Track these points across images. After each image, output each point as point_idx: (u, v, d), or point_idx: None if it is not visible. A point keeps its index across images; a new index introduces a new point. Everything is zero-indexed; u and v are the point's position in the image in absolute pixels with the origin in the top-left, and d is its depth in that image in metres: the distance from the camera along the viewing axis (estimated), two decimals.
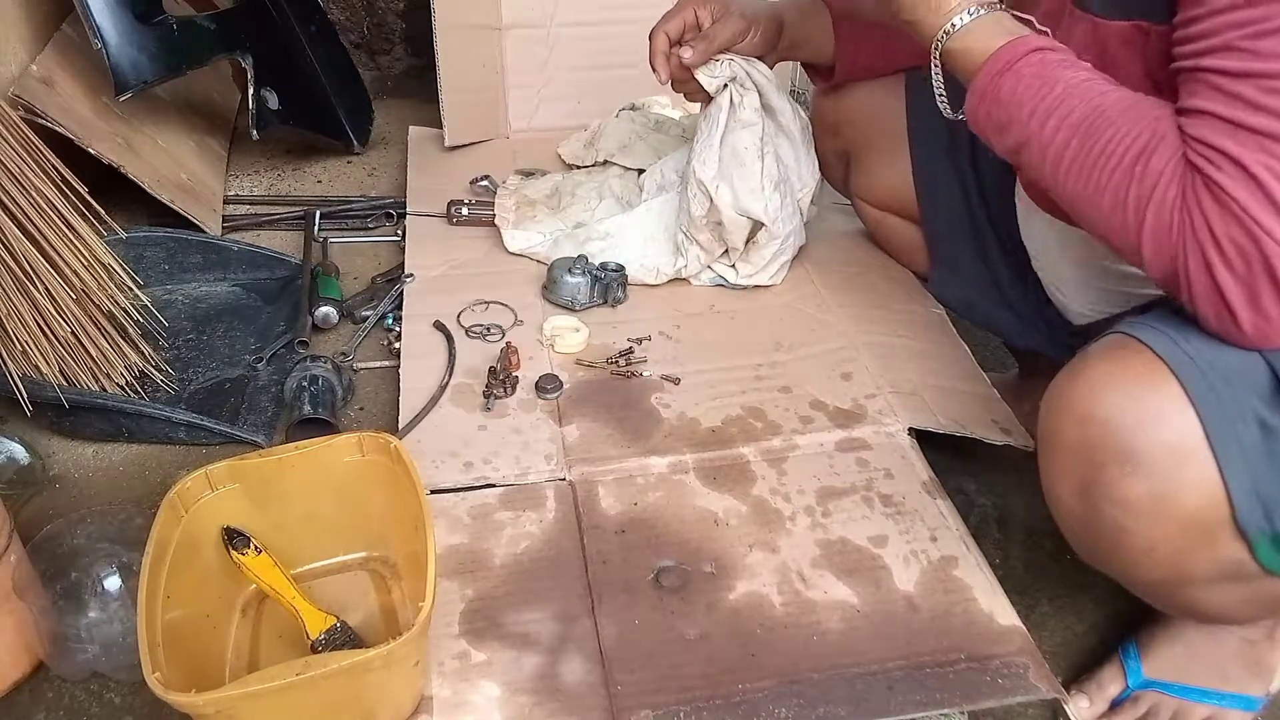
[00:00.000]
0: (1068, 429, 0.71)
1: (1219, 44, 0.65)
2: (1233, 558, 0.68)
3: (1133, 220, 0.69)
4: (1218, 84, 0.65)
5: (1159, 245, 0.68)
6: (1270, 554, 0.67)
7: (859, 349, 1.16)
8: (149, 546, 0.76)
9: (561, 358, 1.16)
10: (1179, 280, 0.68)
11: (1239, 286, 0.65)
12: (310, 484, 0.87)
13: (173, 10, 1.44)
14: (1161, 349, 0.68)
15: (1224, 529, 0.67)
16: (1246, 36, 0.63)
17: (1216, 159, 0.65)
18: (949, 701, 0.79)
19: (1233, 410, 0.66)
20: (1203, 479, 0.66)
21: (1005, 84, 0.76)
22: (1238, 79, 0.64)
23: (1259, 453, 0.66)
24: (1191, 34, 0.67)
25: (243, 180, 1.63)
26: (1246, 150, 0.63)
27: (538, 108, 1.65)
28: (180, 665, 0.71)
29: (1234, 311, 0.66)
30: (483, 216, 1.40)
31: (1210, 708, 0.86)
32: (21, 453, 1.05)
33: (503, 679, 0.81)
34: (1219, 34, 0.65)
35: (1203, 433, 0.66)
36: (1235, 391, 0.66)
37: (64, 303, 1.05)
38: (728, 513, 0.96)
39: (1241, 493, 0.66)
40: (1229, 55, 0.64)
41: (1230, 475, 0.65)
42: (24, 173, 1.04)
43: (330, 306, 1.27)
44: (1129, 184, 0.69)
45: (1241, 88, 0.64)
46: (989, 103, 0.77)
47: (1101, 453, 0.69)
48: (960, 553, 0.92)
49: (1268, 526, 0.66)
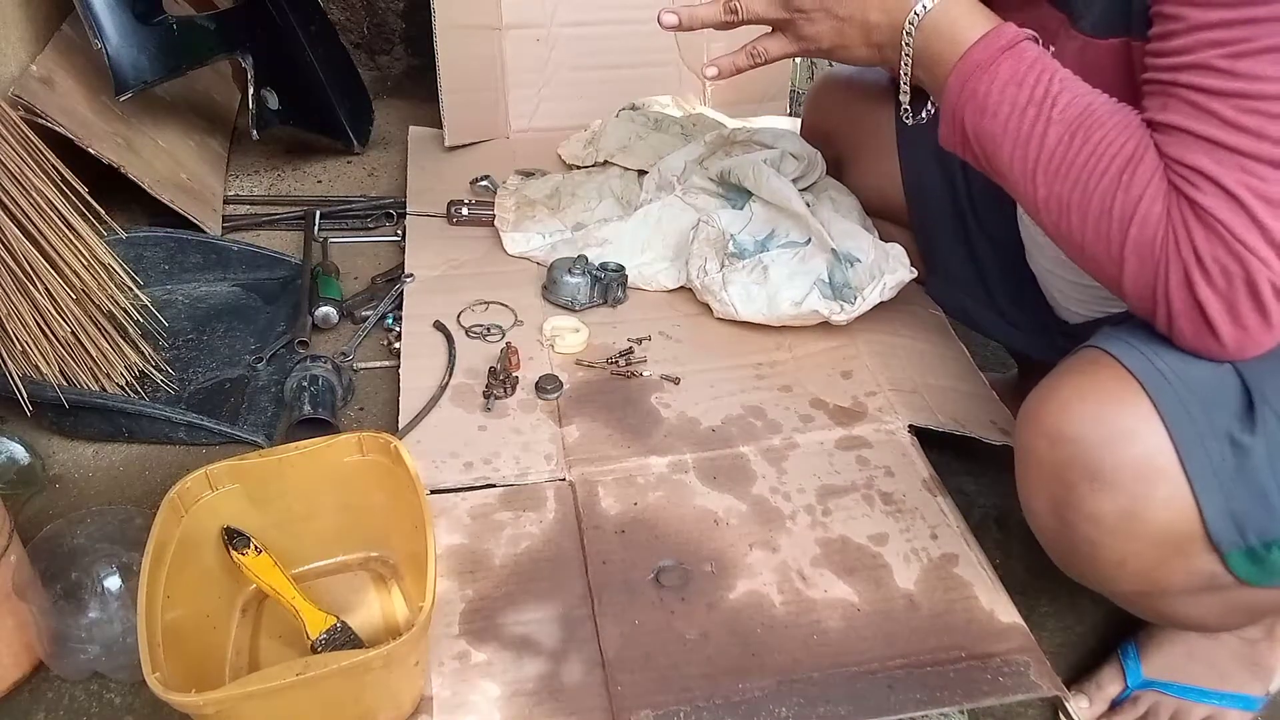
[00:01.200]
0: (1040, 447, 0.72)
1: (1195, 61, 0.64)
2: (1207, 570, 0.69)
3: (1116, 232, 0.68)
4: (1194, 100, 0.65)
5: (1141, 259, 0.68)
6: (1245, 567, 0.68)
7: (859, 347, 1.16)
8: (149, 546, 0.76)
9: (561, 358, 1.16)
10: (1155, 296, 0.68)
11: (1220, 301, 0.65)
12: (310, 484, 0.87)
13: (173, 10, 1.44)
14: (1133, 364, 0.68)
15: (1196, 543, 0.67)
16: (1225, 56, 0.63)
17: (1195, 179, 0.65)
18: (950, 700, 0.79)
19: (1204, 427, 0.66)
20: (1173, 495, 0.66)
21: (1002, 69, 0.74)
22: (1214, 97, 0.64)
23: (1230, 469, 0.66)
24: (1167, 48, 0.67)
25: (243, 180, 1.63)
26: (1225, 170, 0.64)
27: (538, 108, 1.65)
28: (180, 665, 0.71)
29: (1214, 326, 0.66)
30: (483, 216, 1.40)
31: (1210, 708, 0.86)
32: (21, 453, 1.05)
33: (503, 679, 0.81)
34: (1195, 51, 0.64)
35: (1173, 449, 0.66)
36: (1207, 408, 0.67)
37: (64, 303, 1.05)
38: (728, 512, 0.96)
39: (1213, 509, 0.66)
40: (1207, 74, 0.64)
41: (1201, 492, 0.66)
42: (24, 173, 1.04)
43: (330, 306, 1.27)
44: (1115, 192, 0.68)
45: (1219, 106, 0.64)
46: (970, 95, 0.75)
47: (1071, 470, 0.69)
48: (961, 550, 0.92)
49: (1241, 541, 0.66)
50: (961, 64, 0.76)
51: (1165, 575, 0.70)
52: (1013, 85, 0.73)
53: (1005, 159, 0.75)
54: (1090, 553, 0.71)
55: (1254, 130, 0.63)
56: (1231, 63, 0.63)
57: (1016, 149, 0.73)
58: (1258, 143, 0.63)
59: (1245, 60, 0.62)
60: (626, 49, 1.64)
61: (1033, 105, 0.72)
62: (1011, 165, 0.74)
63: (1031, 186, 0.73)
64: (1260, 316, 0.65)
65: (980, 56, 0.75)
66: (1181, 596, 0.73)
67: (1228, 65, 0.63)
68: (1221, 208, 0.64)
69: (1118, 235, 0.68)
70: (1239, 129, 0.63)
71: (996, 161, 0.76)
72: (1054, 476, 0.71)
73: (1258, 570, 0.68)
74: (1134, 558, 0.69)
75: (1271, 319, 0.65)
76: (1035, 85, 0.73)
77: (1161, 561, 0.69)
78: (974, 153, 0.78)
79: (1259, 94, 0.62)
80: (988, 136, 0.75)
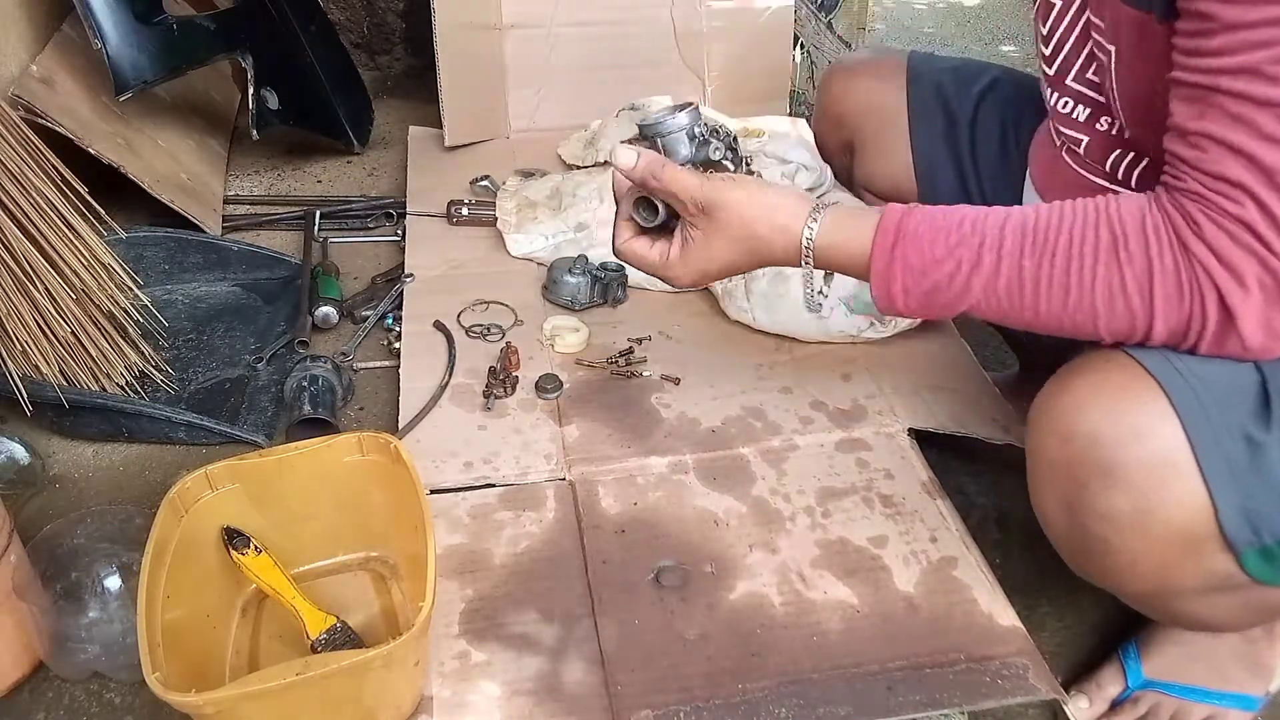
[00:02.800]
0: (1051, 445, 0.71)
1: (1240, 65, 0.61)
2: (1220, 570, 0.68)
3: (1139, 302, 0.66)
4: (1235, 112, 0.62)
5: (1170, 310, 0.66)
6: (1260, 566, 0.67)
7: (858, 349, 1.16)
8: (149, 546, 0.76)
9: (561, 358, 1.16)
10: (1189, 329, 0.66)
11: (1255, 313, 0.64)
12: (310, 484, 0.87)
13: (173, 10, 1.44)
14: (1150, 362, 0.68)
15: (1209, 542, 0.67)
16: (1271, 60, 0.60)
17: (1234, 193, 0.62)
18: (949, 702, 0.79)
19: (1219, 425, 0.65)
20: (1187, 493, 0.66)
21: (911, 251, 0.72)
22: (1258, 107, 0.61)
23: (1245, 467, 0.65)
24: (1204, 48, 0.63)
25: (243, 180, 1.63)
26: (1264, 187, 0.61)
27: (538, 108, 1.65)
28: (180, 665, 0.71)
29: (1244, 337, 0.64)
30: (483, 216, 1.40)
31: (1210, 708, 0.86)
32: (21, 453, 1.05)
33: (503, 679, 0.81)
34: (1238, 53, 0.61)
35: (1188, 447, 0.65)
36: (1223, 405, 0.66)
37: (64, 303, 1.05)
38: (728, 513, 0.96)
39: (1228, 507, 0.65)
40: (1253, 80, 0.61)
41: (1216, 490, 0.65)
42: (24, 173, 1.04)
43: (330, 306, 1.27)
44: (1119, 270, 0.66)
45: (1261, 118, 0.61)
46: (904, 276, 0.73)
47: (1084, 468, 0.68)
48: (960, 553, 0.92)
49: (1256, 540, 0.66)
50: (875, 260, 0.74)
51: (1178, 575, 0.69)
52: (941, 240, 0.72)
53: (977, 305, 0.73)
54: (1102, 552, 0.70)
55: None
56: (1277, 68, 0.60)
57: (990, 298, 0.71)
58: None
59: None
60: (626, 49, 1.64)
61: (974, 249, 0.71)
62: (990, 310, 0.72)
63: (1028, 314, 0.71)
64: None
65: (885, 241, 0.73)
66: (1195, 597, 0.72)
67: (1274, 70, 0.60)
68: (1259, 221, 0.62)
69: (1142, 304, 0.67)
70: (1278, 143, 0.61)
71: (979, 314, 0.73)
72: (1066, 474, 0.70)
73: (1273, 569, 0.67)
74: (1147, 557, 0.69)
75: None
76: (961, 234, 0.71)
77: (1175, 561, 0.68)
78: (963, 313, 0.75)
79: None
80: (947, 300, 0.73)
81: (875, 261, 0.74)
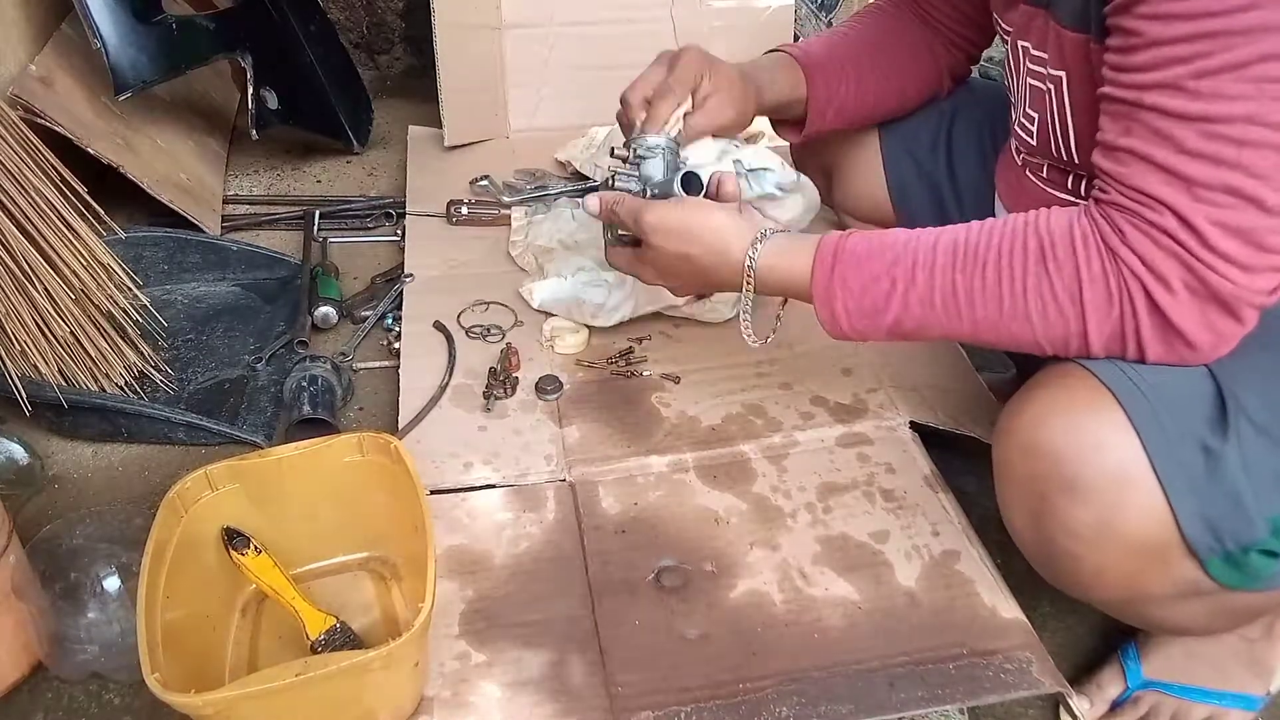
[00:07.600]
0: (1015, 460, 0.72)
1: (1161, 81, 0.64)
2: (1188, 577, 0.69)
3: (1070, 308, 0.69)
4: (1157, 127, 0.64)
5: (1101, 315, 0.68)
6: (1225, 572, 0.68)
7: (858, 345, 1.16)
8: (149, 547, 0.76)
9: (561, 358, 1.16)
10: (1124, 332, 0.68)
11: (1190, 313, 0.66)
12: (310, 484, 0.87)
13: (172, 10, 1.44)
14: (1105, 375, 0.69)
15: (1174, 550, 0.68)
16: (1191, 75, 0.62)
17: (1154, 205, 0.65)
18: (952, 697, 0.79)
19: (1175, 435, 0.66)
20: (1147, 504, 0.66)
21: (849, 272, 0.76)
22: (1178, 121, 0.63)
23: (1203, 476, 0.66)
24: (1129, 64, 0.66)
25: (242, 180, 1.63)
26: (1182, 197, 0.64)
27: (538, 108, 1.65)
28: (180, 665, 0.71)
29: (1187, 336, 0.66)
30: (483, 216, 1.40)
31: (1210, 707, 0.85)
32: (21, 453, 1.05)
33: (503, 680, 0.81)
34: (1160, 69, 0.64)
35: (1146, 458, 0.66)
36: (1178, 415, 0.67)
37: (63, 303, 1.05)
38: (728, 511, 0.96)
39: (1188, 516, 0.66)
40: (1174, 94, 0.63)
41: (1175, 500, 0.66)
42: (23, 173, 1.04)
43: (330, 306, 1.27)
44: (1048, 279, 0.69)
45: (1181, 132, 0.63)
46: (844, 295, 0.77)
47: (1046, 483, 0.69)
48: (962, 547, 0.92)
49: (1218, 547, 0.67)
50: (816, 282, 0.78)
51: (1146, 583, 0.70)
52: (876, 259, 0.75)
53: (915, 322, 0.76)
54: (1070, 564, 0.71)
55: (1211, 156, 0.63)
56: (1197, 82, 0.62)
57: (929, 314, 0.74)
58: (1214, 170, 0.63)
59: (1208, 79, 0.62)
60: (626, 49, 1.63)
61: (907, 267, 0.74)
62: (932, 326, 0.75)
63: (967, 328, 0.74)
64: (1233, 319, 0.66)
65: (824, 264, 0.78)
66: (1166, 603, 0.73)
67: (1193, 85, 0.62)
68: (1179, 229, 0.64)
69: (1073, 310, 0.69)
70: (1198, 157, 0.63)
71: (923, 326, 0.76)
72: (1030, 489, 0.71)
73: (1238, 575, 0.68)
74: (1113, 567, 0.70)
75: (1243, 319, 0.66)
76: (895, 254, 0.74)
77: (1141, 570, 0.69)
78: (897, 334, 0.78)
79: (1221, 116, 0.62)
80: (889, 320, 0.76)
81: (816, 284, 0.78)
